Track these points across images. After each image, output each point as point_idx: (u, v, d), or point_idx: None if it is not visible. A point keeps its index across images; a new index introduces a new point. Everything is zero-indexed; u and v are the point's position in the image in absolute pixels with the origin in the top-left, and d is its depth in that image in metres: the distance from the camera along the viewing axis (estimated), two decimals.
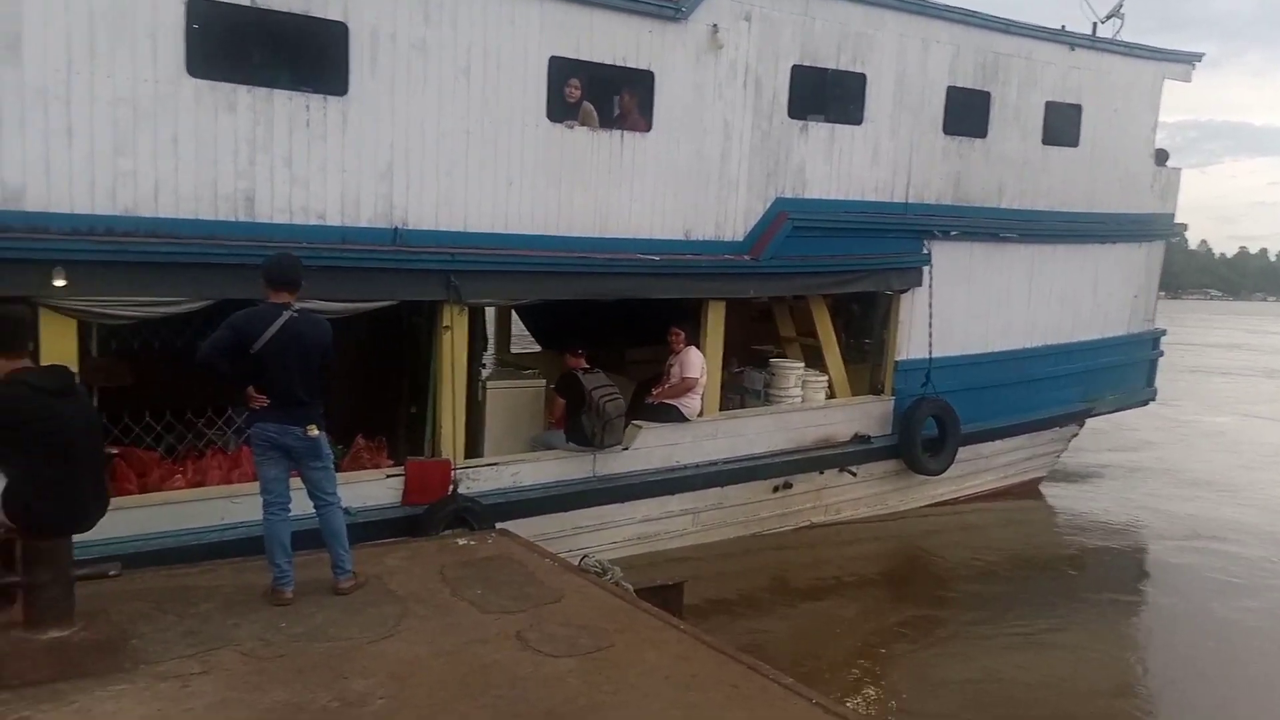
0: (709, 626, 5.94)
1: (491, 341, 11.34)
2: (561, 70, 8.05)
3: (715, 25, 8.74)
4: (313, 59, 7.16)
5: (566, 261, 8.23)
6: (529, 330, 11.95)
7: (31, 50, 5.94)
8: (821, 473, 10.28)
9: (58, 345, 6.04)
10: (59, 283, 6.14)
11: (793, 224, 9.46)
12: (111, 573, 4.74)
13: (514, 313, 11.45)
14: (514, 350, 12.17)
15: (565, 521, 8.38)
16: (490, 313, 10.74)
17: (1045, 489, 13.32)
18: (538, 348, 11.75)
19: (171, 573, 5.93)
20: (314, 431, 5.52)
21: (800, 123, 9.53)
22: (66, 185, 6.17)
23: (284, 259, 5.62)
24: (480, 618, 5.51)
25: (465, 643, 5.15)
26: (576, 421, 8.57)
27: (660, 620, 5.66)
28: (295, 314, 5.49)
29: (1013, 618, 8.75)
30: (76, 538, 4.64)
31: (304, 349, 5.47)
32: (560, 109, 8.13)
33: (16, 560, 4.60)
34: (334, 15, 6.93)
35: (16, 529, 4.44)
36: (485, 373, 9.39)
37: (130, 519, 6.36)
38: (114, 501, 5.09)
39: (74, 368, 5.47)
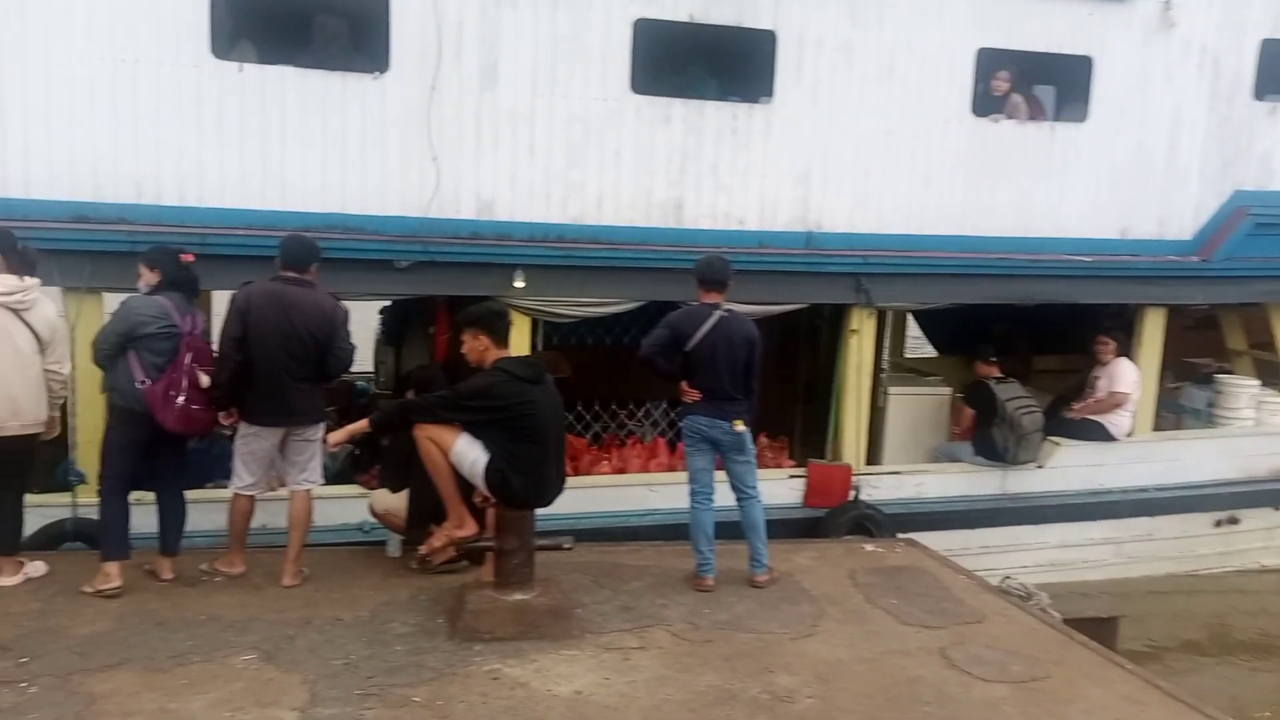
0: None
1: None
2: (990, 62, 7.64)
3: (1167, 2, 7.84)
4: (741, 68, 7.42)
5: (984, 263, 7.80)
6: (925, 334, 11.54)
7: (506, 76, 6.71)
8: (1277, 509, 8.87)
9: (515, 339, 6.73)
10: (519, 284, 6.88)
11: (1254, 220, 8.25)
12: (565, 546, 5.21)
13: (910, 316, 11.09)
14: (907, 355, 11.80)
15: (970, 539, 7.94)
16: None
17: None
18: (932, 352, 11.31)
19: (604, 550, 6.43)
20: (740, 427, 5.70)
21: (1268, 105, 8.29)
22: (528, 196, 6.90)
23: (715, 261, 5.85)
24: (899, 628, 5.38)
25: (886, 652, 5.04)
26: (986, 434, 8.09)
27: (1100, 655, 5.17)
28: (725, 314, 5.70)
29: None
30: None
31: (732, 347, 5.65)
32: (986, 103, 7.74)
33: (488, 527, 5.23)
34: (764, 24, 7.11)
35: (494, 499, 5.02)
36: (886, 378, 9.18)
37: (566, 499, 6.96)
38: None
39: None
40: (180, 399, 5.09)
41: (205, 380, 5.15)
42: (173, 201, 6.27)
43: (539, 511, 5.13)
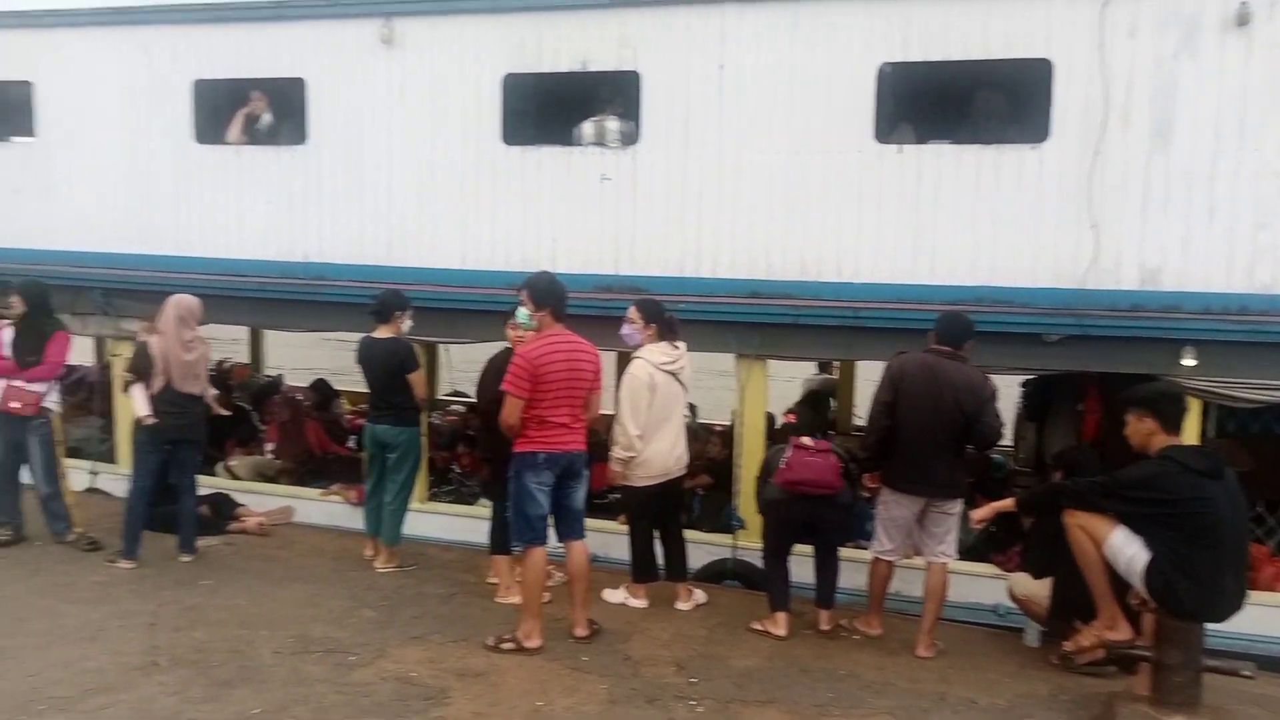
0: None
1: None
2: None
3: None
4: None
5: None
6: None
7: (1181, 135, 6.06)
8: None
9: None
10: (1189, 362, 6.12)
11: None
12: (1244, 673, 4.43)
13: None
14: None
15: None
16: None
17: None
18: None
19: None
20: None
21: None
22: (1202, 264, 6.11)
23: None
24: None
25: None
26: None
27: None
28: None
29: None
30: None
31: None
32: None
33: (1143, 632, 4.65)
34: None
35: (1154, 604, 4.46)
36: None
37: (1243, 615, 5.93)
38: None
39: None
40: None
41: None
42: (831, 278, 6.74)
43: (1207, 625, 4.45)
